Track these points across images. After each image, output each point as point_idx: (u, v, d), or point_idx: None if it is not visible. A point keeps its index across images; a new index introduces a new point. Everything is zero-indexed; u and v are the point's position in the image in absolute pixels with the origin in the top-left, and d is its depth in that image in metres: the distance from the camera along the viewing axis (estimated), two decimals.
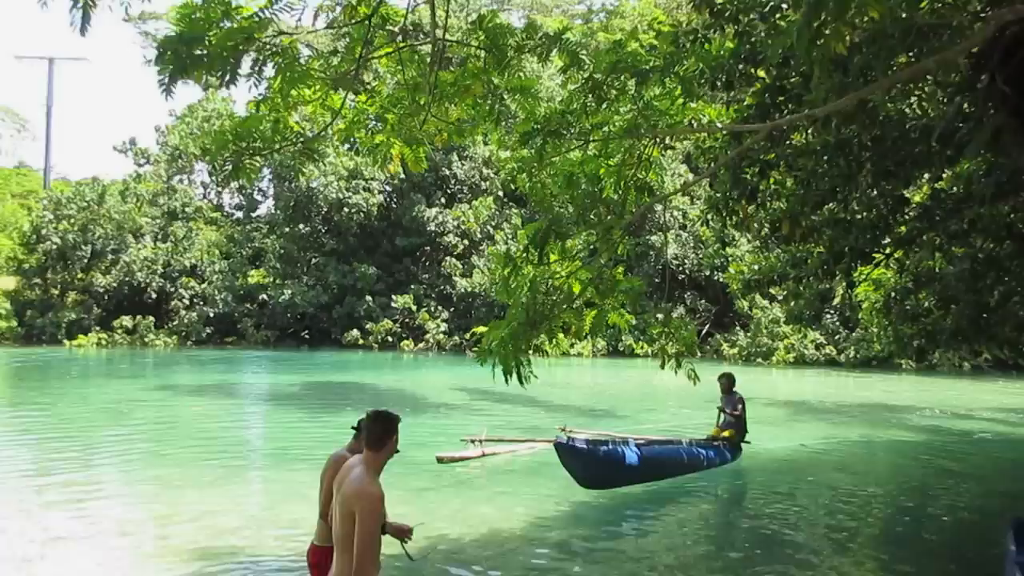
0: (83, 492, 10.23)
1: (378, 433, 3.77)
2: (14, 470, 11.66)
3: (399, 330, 44.89)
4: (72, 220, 44.55)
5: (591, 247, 6.43)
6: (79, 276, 44.37)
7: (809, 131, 8.01)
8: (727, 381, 11.63)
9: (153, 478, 11.29)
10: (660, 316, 7.39)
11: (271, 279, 45.97)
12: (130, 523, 8.95)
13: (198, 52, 4.02)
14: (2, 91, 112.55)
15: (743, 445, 12.07)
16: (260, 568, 7.30)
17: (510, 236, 45.08)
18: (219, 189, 55.83)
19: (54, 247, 43.82)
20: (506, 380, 6.02)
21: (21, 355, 35.35)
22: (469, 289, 44.49)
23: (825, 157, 7.95)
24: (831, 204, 8.80)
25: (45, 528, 8.68)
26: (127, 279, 44.54)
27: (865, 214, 8.92)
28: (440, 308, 45.42)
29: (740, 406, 11.73)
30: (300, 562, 7.36)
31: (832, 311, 39.13)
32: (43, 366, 31.01)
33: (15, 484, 10.79)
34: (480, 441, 12.95)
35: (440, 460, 11.82)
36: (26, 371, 29.63)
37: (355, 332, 44.17)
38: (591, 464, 9.56)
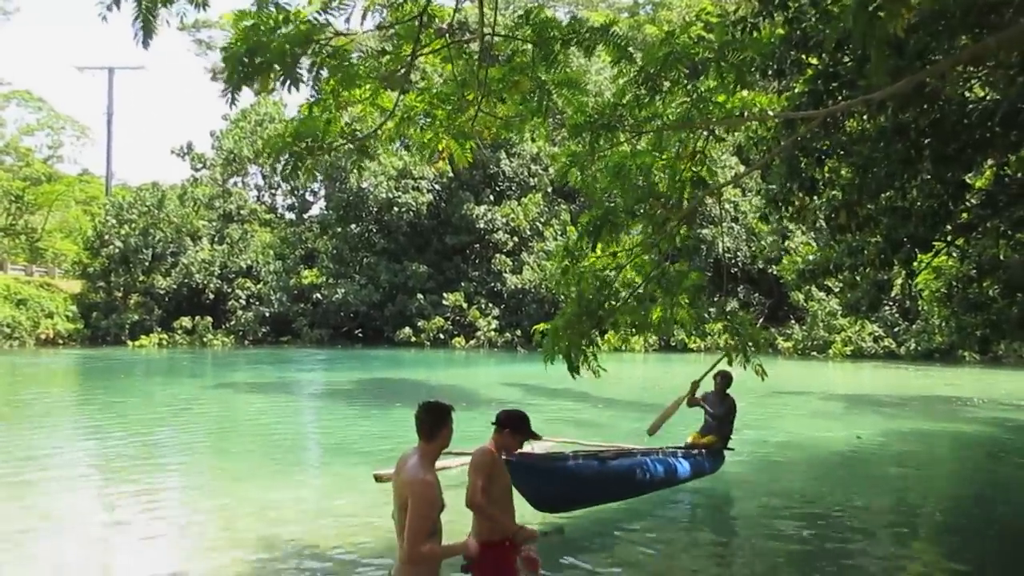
0: (148, 485, 10.55)
1: (430, 424, 3.86)
2: (84, 464, 12.10)
3: (450, 327, 45.22)
4: (133, 224, 45.93)
5: (649, 240, 6.38)
6: (141, 279, 45.70)
7: (865, 117, 7.84)
8: (723, 380, 9.90)
9: (215, 472, 11.60)
10: (714, 311, 7.32)
11: (324, 279, 46.72)
12: (193, 514, 9.21)
13: (260, 60, 4.12)
14: (64, 101, 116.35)
15: (726, 453, 10.42)
16: (320, 558, 7.45)
17: (560, 232, 45.05)
18: (272, 191, 57.00)
19: (117, 251, 45.24)
20: (571, 374, 5.98)
21: (88, 356, 36.58)
22: (519, 286, 44.59)
23: (882, 143, 7.76)
24: (889, 192, 8.58)
25: (112, 519, 8.99)
26: (186, 281, 45.73)
27: (924, 201, 8.68)
28: (491, 305, 45.62)
29: (725, 409, 10.04)
30: (358, 552, 7.53)
31: (891, 303, 38.22)
32: (109, 366, 32.03)
33: (85, 478, 11.19)
34: None
35: (378, 479, 9.92)
36: (94, 371, 30.65)
37: (407, 330, 44.63)
38: (545, 483, 7.79)
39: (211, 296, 46.30)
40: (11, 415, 17.94)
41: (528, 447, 9.87)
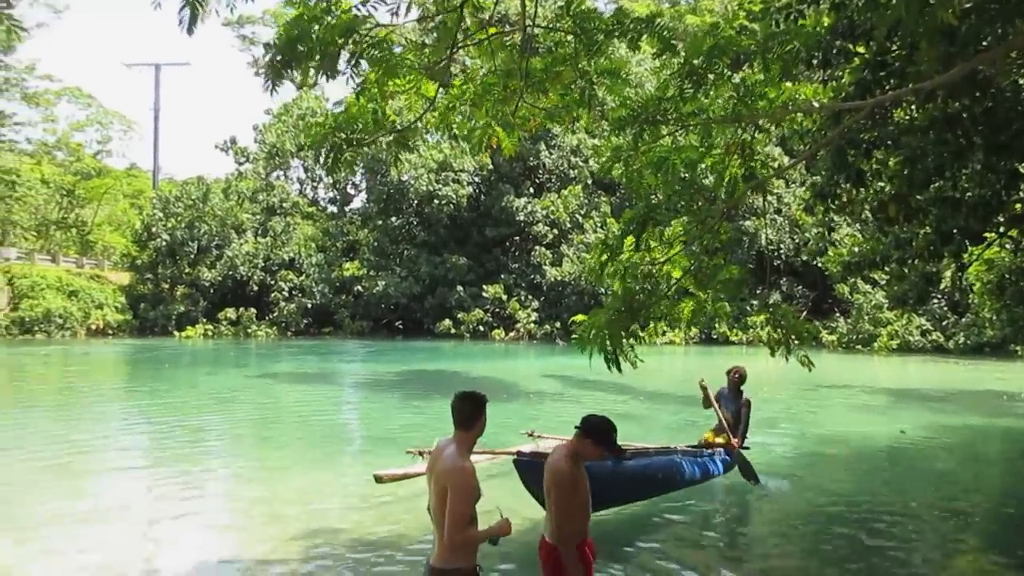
0: (192, 472, 10.78)
1: (467, 413, 3.90)
2: (131, 451, 12.42)
3: (490, 319, 45.40)
4: (179, 218, 46.90)
5: (692, 237, 6.29)
6: (187, 271, 46.68)
7: (914, 107, 7.66)
8: (738, 376, 9.69)
9: (258, 459, 11.82)
10: (756, 303, 7.23)
11: (365, 271, 47.23)
12: (236, 502, 9.40)
13: (301, 48, 4.17)
14: (113, 97, 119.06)
15: (742, 452, 9.96)
16: (360, 544, 7.54)
17: (599, 224, 44.86)
18: (314, 185, 57.66)
19: (164, 244, 46.25)
20: (608, 367, 5.96)
21: (136, 346, 37.46)
22: (559, 278, 44.53)
23: (931, 134, 7.58)
24: (939, 182, 8.38)
25: (157, 505, 9.20)
26: (230, 273, 46.60)
27: (976, 191, 8.45)
28: (530, 297, 45.66)
29: (745, 409, 9.76)
30: (396, 538, 7.62)
31: (939, 296, 37.32)
32: (156, 356, 32.76)
33: (132, 464, 11.48)
34: (426, 454, 9.67)
35: (379, 479, 9.12)
36: (142, 361, 31.37)
37: (447, 322, 44.92)
38: None
39: (255, 288, 47.11)
40: (63, 402, 18.47)
41: (533, 446, 9.54)
